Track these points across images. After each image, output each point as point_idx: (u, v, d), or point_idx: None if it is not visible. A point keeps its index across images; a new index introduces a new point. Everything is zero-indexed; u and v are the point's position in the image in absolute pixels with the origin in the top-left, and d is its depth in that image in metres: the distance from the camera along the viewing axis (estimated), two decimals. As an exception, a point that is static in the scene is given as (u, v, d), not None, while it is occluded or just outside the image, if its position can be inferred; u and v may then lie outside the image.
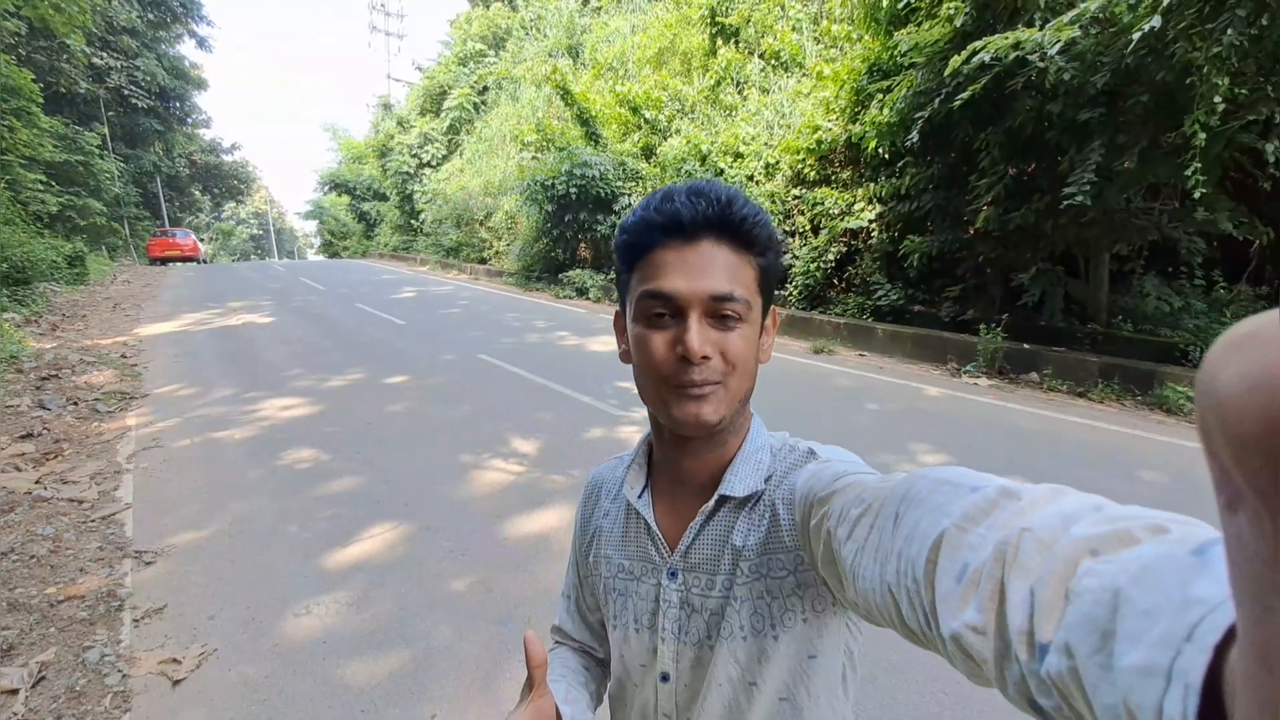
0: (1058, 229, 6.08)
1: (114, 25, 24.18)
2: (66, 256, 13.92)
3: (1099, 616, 0.26)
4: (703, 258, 0.60)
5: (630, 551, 0.73)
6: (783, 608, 0.62)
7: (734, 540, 0.64)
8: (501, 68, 22.45)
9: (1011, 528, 0.33)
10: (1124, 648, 0.24)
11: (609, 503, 0.78)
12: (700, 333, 0.59)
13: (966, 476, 0.41)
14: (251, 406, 5.48)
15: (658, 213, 0.61)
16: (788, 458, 0.67)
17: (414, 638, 2.49)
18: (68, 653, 2.50)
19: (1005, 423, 5.12)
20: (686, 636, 0.67)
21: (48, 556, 3.17)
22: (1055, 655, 0.28)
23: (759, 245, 0.62)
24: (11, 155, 15.05)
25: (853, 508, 0.48)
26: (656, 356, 0.61)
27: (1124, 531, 0.29)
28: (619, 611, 0.73)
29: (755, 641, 0.63)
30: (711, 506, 0.66)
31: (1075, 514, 0.32)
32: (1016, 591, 0.31)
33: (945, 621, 0.35)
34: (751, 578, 0.63)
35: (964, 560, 0.35)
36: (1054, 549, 0.31)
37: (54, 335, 8.69)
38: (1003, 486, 0.38)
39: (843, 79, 8.67)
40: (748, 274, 0.62)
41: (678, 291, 0.59)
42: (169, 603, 2.77)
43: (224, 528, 3.39)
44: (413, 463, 4.23)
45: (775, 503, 0.64)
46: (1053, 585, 0.29)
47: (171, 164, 30.13)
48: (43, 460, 4.46)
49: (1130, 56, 4.58)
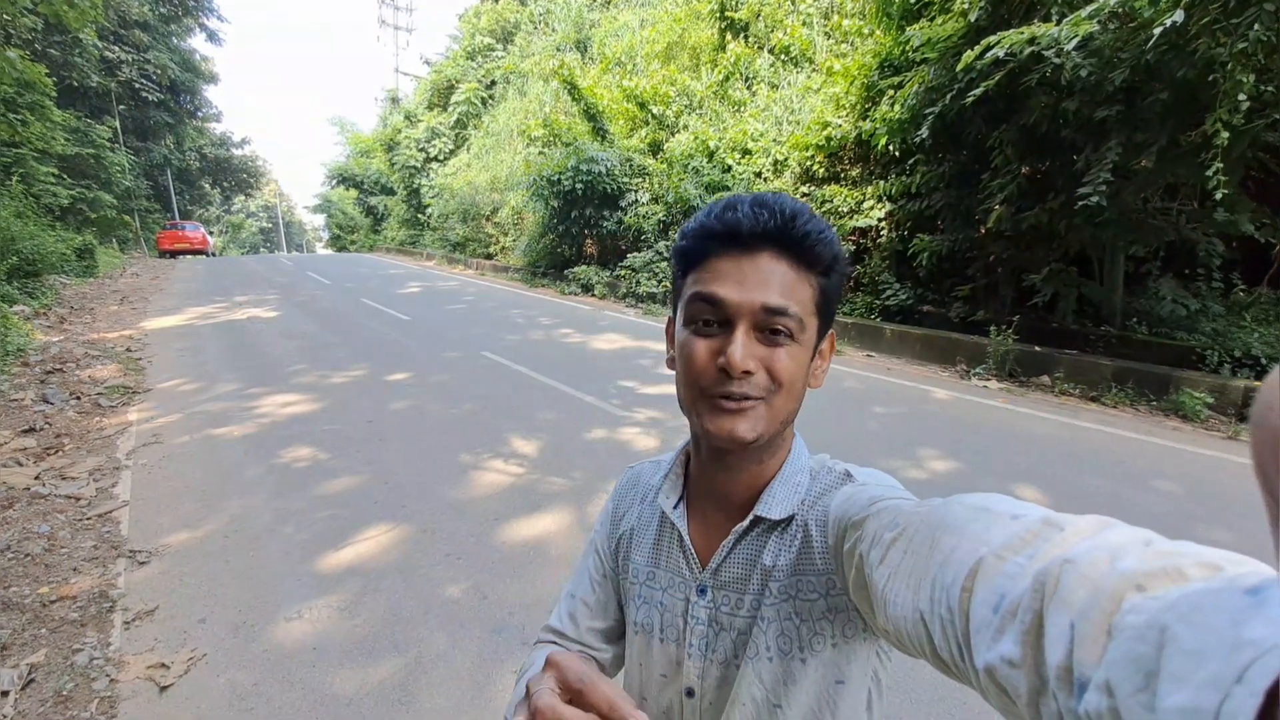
0: (1072, 229, 5.96)
1: (126, 19, 24.27)
2: (76, 249, 13.98)
3: (1143, 654, 0.25)
4: (760, 270, 0.58)
5: (661, 561, 0.71)
6: (812, 631, 0.61)
7: (764, 560, 0.64)
8: (509, 62, 22.38)
9: (1053, 558, 0.32)
10: (1169, 688, 0.23)
11: (643, 506, 0.77)
12: (746, 346, 0.57)
13: (1006, 504, 0.40)
14: (253, 403, 5.46)
15: (718, 220, 0.59)
16: (824, 479, 0.66)
17: (406, 645, 2.44)
18: (58, 655, 2.46)
19: (1016, 427, 5.02)
20: (713, 654, 0.66)
21: (42, 555, 3.14)
22: (1095, 693, 0.26)
23: (821, 264, 0.60)
24: (25, 148, 15.12)
25: (886, 532, 0.47)
26: (697, 364, 0.59)
27: (1173, 568, 0.28)
28: (643, 619, 0.71)
29: (781, 664, 0.62)
30: (745, 526, 0.65)
31: (1122, 547, 0.31)
32: (1056, 625, 0.30)
33: (979, 653, 0.34)
34: (780, 599, 0.62)
35: (1001, 590, 0.34)
36: (1098, 582, 0.29)
37: (61, 328, 8.71)
38: (1045, 516, 0.37)
39: (853, 74, 8.55)
40: (805, 292, 0.59)
41: (728, 298, 0.58)
42: (160, 605, 2.73)
43: (220, 527, 3.36)
44: (412, 462, 4.19)
45: (808, 524, 0.63)
46: (1095, 620, 0.28)
47: (182, 157, 30.28)
48: (43, 455, 4.45)
49: (1150, 52, 4.44)
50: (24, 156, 15.12)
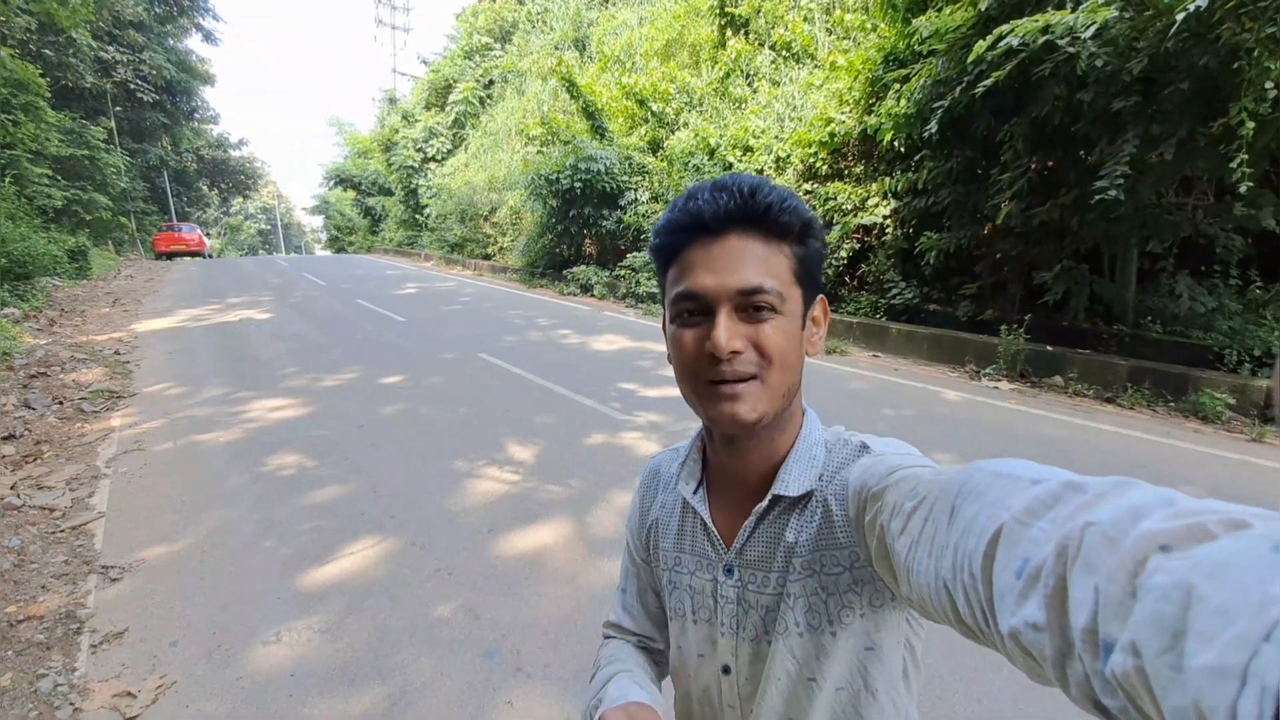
0: (1085, 225, 5.77)
1: (120, 19, 24.08)
2: (69, 251, 13.80)
3: (1169, 614, 0.25)
4: (730, 253, 0.59)
5: (686, 546, 0.73)
6: (839, 604, 0.62)
7: (787, 537, 0.64)
8: (507, 61, 22.23)
9: (1076, 522, 0.32)
10: (1195, 647, 0.23)
11: (665, 494, 0.78)
12: (729, 327, 0.58)
13: (1027, 468, 0.40)
14: (240, 407, 5.28)
15: (683, 212, 0.60)
16: (840, 452, 0.66)
17: (390, 671, 2.26)
18: (22, 679, 2.30)
19: (1030, 430, 4.84)
20: (744, 632, 0.67)
21: (11, 571, 2.97)
22: (1121, 654, 0.26)
23: (791, 233, 0.60)
24: (18, 149, 14.95)
25: (906, 501, 0.48)
26: (688, 354, 0.61)
27: (1198, 526, 0.27)
28: (676, 604, 0.73)
29: (812, 638, 0.63)
30: (765, 506, 0.65)
31: (1145, 508, 0.30)
32: (1080, 588, 0.29)
33: (1003, 618, 0.34)
34: (804, 574, 0.63)
35: (1024, 555, 0.34)
36: (1121, 544, 0.29)
37: (50, 331, 8.53)
38: (1067, 479, 0.36)
39: (857, 69, 8.37)
40: (781, 264, 0.60)
41: (705, 289, 0.59)
42: (130, 626, 2.56)
43: (198, 541, 3.18)
44: (403, 470, 4.01)
45: (828, 498, 0.63)
46: (1119, 581, 0.28)
47: (179, 159, 30.11)
48: (21, 463, 4.27)
49: (1170, 40, 4.26)
50: (17, 158, 14.94)
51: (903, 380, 6.35)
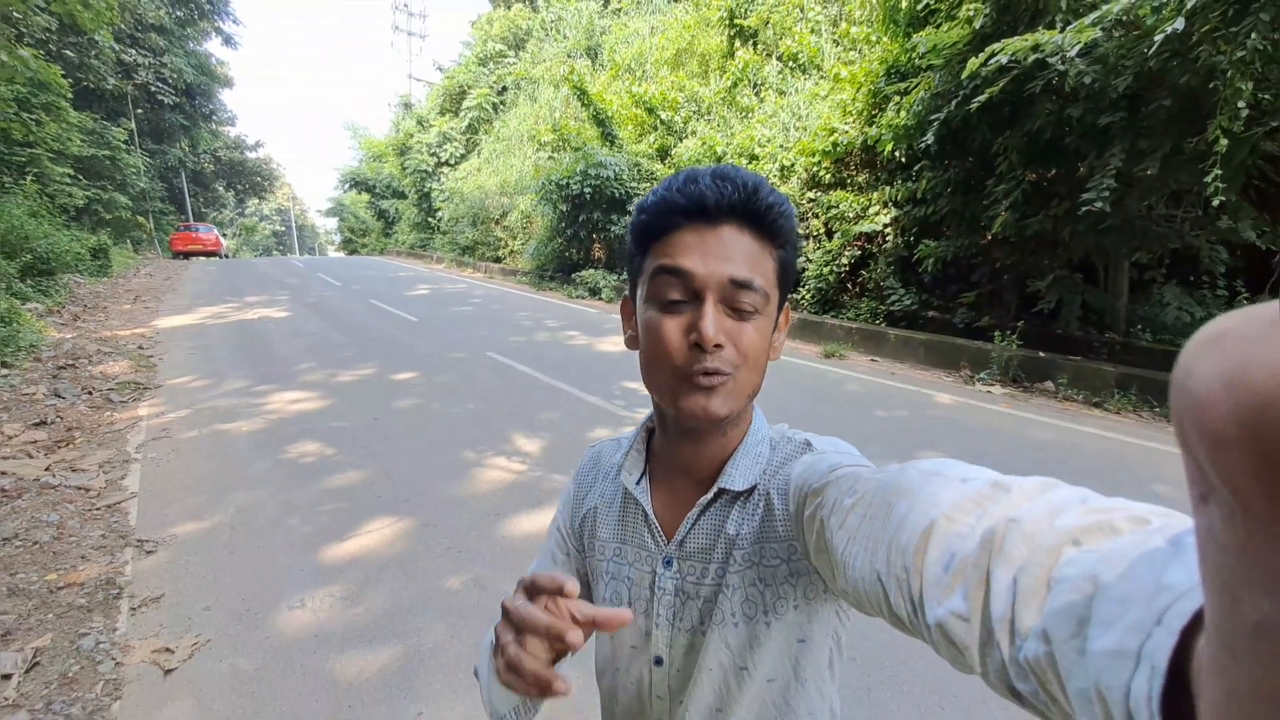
0: (1076, 235, 5.96)
1: (143, 22, 24.59)
2: (90, 249, 14.16)
3: (1077, 604, 0.27)
4: (724, 242, 0.58)
5: (626, 536, 0.72)
6: (775, 595, 0.62)
7: (728, 530, 0.64)
8: (520, 68, 22.54)
9: (999, 518, 0.34)
10: (1097, 632, 0.25)
11: (605, 483, 0.77)
12: (716, 319, 0.57)
13: (957, 468, 0.42)
14: (261, 400, 5.53)
15: (680, 194, 0.58)
16: (784, 449, 0.67)
17: (405, 634, 2.48)
18: (64, 639, 2.52)
19: (1018, 432, 5.02)
20: (680, 623, 0.67)
21: (50, 543, 3.21)
22: (1034, 641, 0.28)
23: (780, 236, 0.61)
24: (39, 148, 15.34)
25: (845, 498, 0.49)
26: (669, 344, 0.59)
27: (1106, 522, 0.30)
28: (612, 595, 0.72)
29: (747, 628, 0.63)
30: (709, 498, 0.66)
31: (1061, 506, 0.33)
32: (1000, 580, 0.32)
33: (931, 609, 0.36)
34: (744, 566, 0.63)
35: (952, 550, 0.36)
36: (1038, 539, 0.31)
37: (74, 326, 8.84)
38: (993, 479, 0.39)
39: (860, 81, 8.59)
40: (768, 265, 0.60)
41: (695, 270, 0.57)
42: (166, 592, 2.78)
43: (226, 519, 3.42)
44: (416, 459, 4.24)
45: (770, 493, 0.64)
46: (1035, 574, 0.30)
47: (196, 160, 30.62)
48: (54, 448, 4.53)
49: (1153, 59, 4.47)
50: (39, 157, 15.30)
51: (898, 384, 6.53)
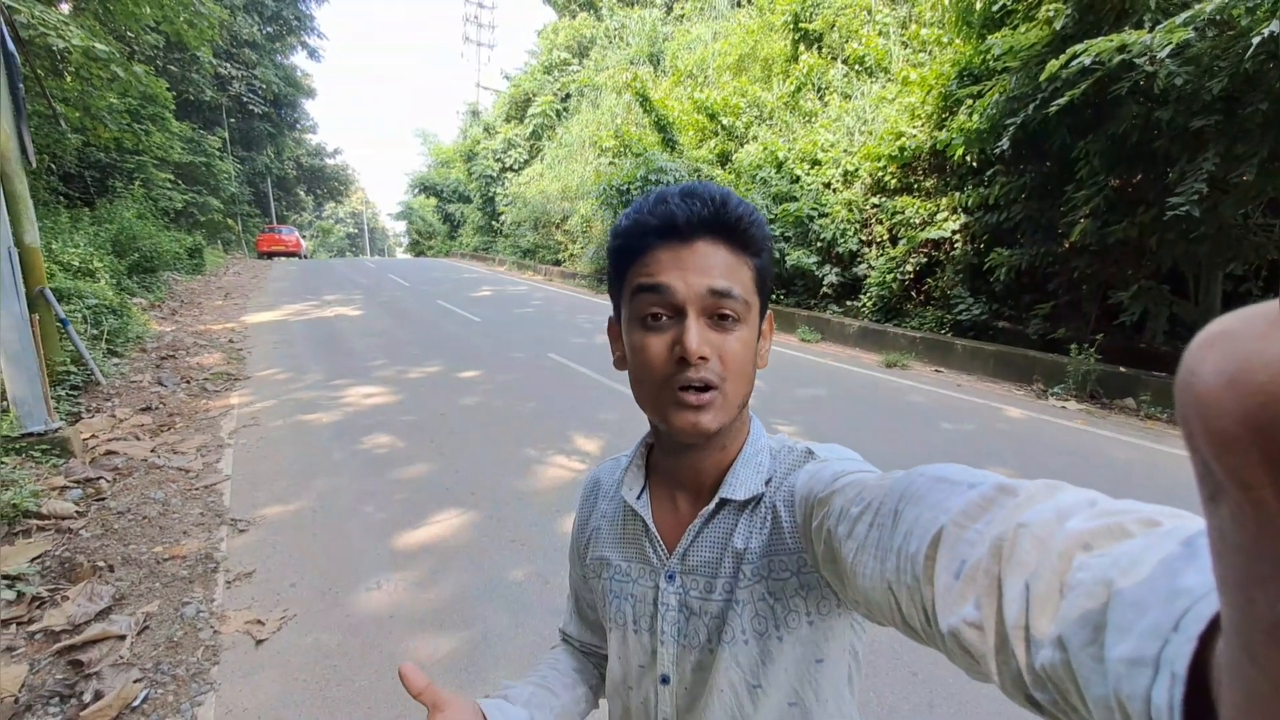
0: (1164, 244, 5.63)
1: (238, 38, 26.36)
2: (187, 249, 15.28)
3: (1091, 609, 0.26)
4: (699, 256, 0.59)
5: (628, 553, 0.72)
6: (786, 609, 0.61)
7: (735, 543, 0.64)
8: (584, 75, 22.93)
9: (1008, 524, 0.34)
10: (1114, 639, 0.24)
11: (606, 503, 0.77)
12: (699, 332, 0.58)
13: (964, 473, 0.41)
14: (338, 393, 5.87)
15: (651, 215, 0.60)
16: (786, 459, 0.66)
17: (473, 620, 2.61)
18: (169, 606, 2.76)
19: (1093, 450, 4.79)
20: (686, 640, 0.66)
21: (157, 518, 3.52)
22: (1049, 649, 0.28)
23: (754, 245, 0.61)
24: (147, 156, 16.66)
25: (852, 506, 0.48)
26: (654, 360, 0.60)
27: (1117, 525, 0.29)
28: (615, 613, 0.71)
29: (758, 644, 0.62)
30: (711, 509, 0.65)
31: (1070, 509, 0.32)
32: (1012, 587, 0.31)
33: (944, 617, 0.35)
34: (753, 580, 0.62)
35: (962, 556, 0.35)
36: (1049, 544, 0.31)
37: (173, 320, 9.58)
38: (1000, 483, 0.38)
39: (930, 84, 8.37)
40: (745, 274, 0.61)
41: (674, 285, 0.58)
42: (257, 568, 3.01)
43: (309, 503, 3.66)
44: (480, 453, 4.41)
45: (776, 504, 0.63)
46: (1048, 580, 0.30)
47: (281, 166, 32.56)
48: (158, 431, 4.94)
49: (1249, 61, 4.19)
50: (145, 163, 16.64)
51: (964, 396, 6.32)
